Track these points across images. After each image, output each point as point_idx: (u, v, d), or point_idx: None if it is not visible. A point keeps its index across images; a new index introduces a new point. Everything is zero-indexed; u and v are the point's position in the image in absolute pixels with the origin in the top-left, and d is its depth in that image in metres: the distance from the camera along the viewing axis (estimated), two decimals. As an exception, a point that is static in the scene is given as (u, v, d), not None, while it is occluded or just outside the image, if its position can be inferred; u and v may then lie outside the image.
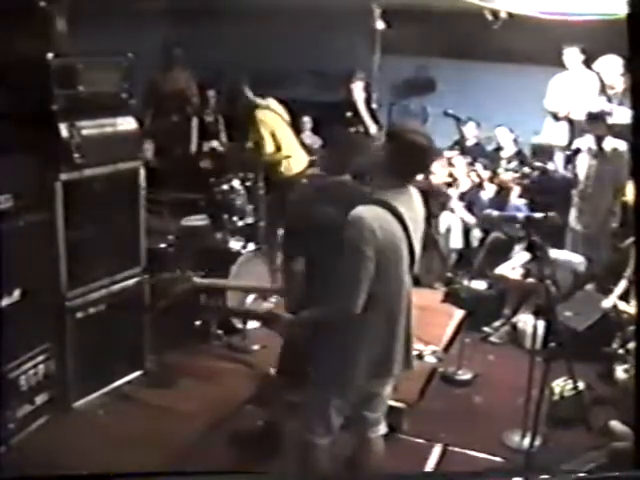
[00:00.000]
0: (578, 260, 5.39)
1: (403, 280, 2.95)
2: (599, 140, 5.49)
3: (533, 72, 6.71)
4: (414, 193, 3.02)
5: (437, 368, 4.85)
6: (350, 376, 2.95)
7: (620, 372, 4.50)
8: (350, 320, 2.86)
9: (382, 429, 3.23)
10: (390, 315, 2.94)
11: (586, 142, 5.62)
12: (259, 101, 6.00)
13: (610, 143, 5.43)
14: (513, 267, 5.41)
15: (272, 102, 6.08)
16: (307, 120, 7.44)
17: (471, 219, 6.31)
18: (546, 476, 3.50)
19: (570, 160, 5.91)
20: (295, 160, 6.04)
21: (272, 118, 5.99)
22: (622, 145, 5.28)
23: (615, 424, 3.81)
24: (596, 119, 5.56)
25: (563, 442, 3.92)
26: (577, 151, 5.78)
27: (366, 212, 2.83)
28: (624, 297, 4.87)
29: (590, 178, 5.57)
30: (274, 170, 5.89)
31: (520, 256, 5.40)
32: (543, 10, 5.85)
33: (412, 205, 2.98)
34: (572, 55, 6.20)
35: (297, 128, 6.75)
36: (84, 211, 4.11)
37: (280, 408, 3.82)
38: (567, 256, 5.39)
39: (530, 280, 5.11)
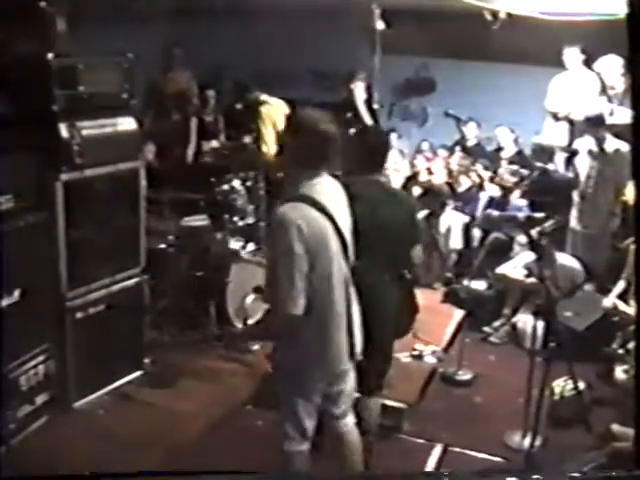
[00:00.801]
0: (578, 269, 5.37)
1: (340, 272, 2.93)
2: (599, 141, 5.48)
3: (533, 72, 6.71)
4: (330, 181, 2.99)
5: (437, 368, 4.85)
6: (304, 375, 2.95)
7: (620, 372, 4.49)
8: (295, 321, 2.83)
9: (350, 420, 3.22)
10: (332, 309, 2.91)
11: (586, 143, 5.62)
12: (264, 97, 6.03)
13: (612, 144, 5.42)
14: (515, 266, 5.40)
15: (276, 100, 6.11)
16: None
17: (463, 218, 6.33)
18: (546, 476, 3.49)
19: (570, 161, 5.90)
20: None
21: (276, 115, 6.02)
22: (624, 146, 5.27)
23: (616, 427, 3.80)
24: (594, 121, 5.56)
25: (563, 442, 3.92)
26: (575, 152, 5.78)
27: (289, 209, 2.81)
28: (623, 298, 4.86)
29: (591, 179, 5.56)
30: (270, 169, 5.91)
31: (522, 256, 5.39)
32: (543, 10, 5.84)
33: (332, 194, 2.95)
34: (572, 55, 6.19)
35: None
36: (84, 211, 4.11)
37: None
38: (568, 261, 5.38)
39: (531, 280, 5.11)
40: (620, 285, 4.84)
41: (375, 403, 3.63)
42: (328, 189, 2.95)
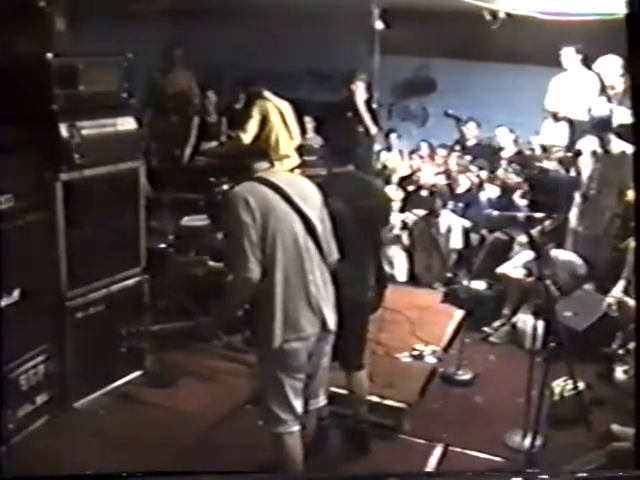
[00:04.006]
0: (579, 262, 5.37)
1: (299, 243, 3.16)
2: (604, 143, 5.46)
3: (533, 72, 6.71)
4: (295, 175, 3.61)
5: (437, 368, 4.85)
6: (272, 337, 3.11)
7: (620, 373, 4.49)
8: (253, 286, 3.10)
9: (322, 400, 3.45)
10: (289, 276, 3.14)
11: (589, 144, 5.59)
12: (267, 93, 6.07)
13: (618, 146, 5.38)
14: (515, 266, 5.40)
15: (278, 99, 6.14)
16: (309, 120, 7.43)
17: (463, 220, 6.34)
18: (547, 476, 3.50)
19: (571, 161, 5.89)
20: (287, 160, 6.09)
21: (272, 111, 6.05)
22: (629, 148, 5.25)
23: (616, 427, 3.80)
24: (600, 123, 5.53)
25: (564, 442, 3.92)
26: (578, 153, 5.76)
27: (239, 187, 3.21)
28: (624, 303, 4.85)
29: (594, 180, 5.52)
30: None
31: (522, 255, 5.39)
32: (542, 10, 5.84)
33: (294, 181, 3.35)
34: (569, 55, 6.19)
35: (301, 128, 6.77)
36: (84, 211, 4.11)
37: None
38: (568, 256, 5.38)
39: (531, 279, 5.11)
40: (620, 284, 4.84)
41: (361, 376, 3.87)
42: (289, 178, 3.31)
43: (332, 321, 3.26)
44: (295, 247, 3.15)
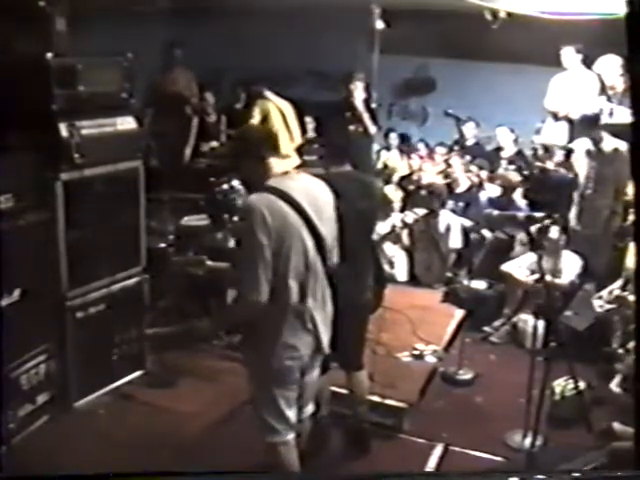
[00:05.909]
0: (579, 262, 5.37)
1: (309, 263, 3.00)
2: (596, 142, 5.47)
3: (533, 72, 6.72)
4: (310, 180, 3.14)
5: (438, 368, 4.85)
6: (271, 358, 3.01)
7: (614, 386, 4.49)
8: (259, 308, 2.92)
9: (310, 409, 3.34)
10: (294, 298, 2.99)
11: (584, 143, 5.60)
12: (267, 93, 6.08)
13: (610, 144, 5.40)
14: (519, 266, 5.39)
15: (278, 99, 6.15)
16: (309, 120, 7.43)
17: (462, 220, 6.34)
18: (547, 476, 3.49)
19: (567, 160, 5.90)
20: (287, 161, 6.10)
21: (272, 111, 6.07)
22: (623, 145, 5.26)
23: (618, 426, 3.80)
24: (588, 121, 5.55)
25: (564, 442, 3.92)
26: (570, 151, 5.77)
27: (256, 199, 2.95)
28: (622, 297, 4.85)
29: (590, 179, 5.54)
30: None
31: (527, 256, 5.38)
32: (543, 9, 5.84)
33: (310, 192, 3.06)
34: (568, 54, 6.20)
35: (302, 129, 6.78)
36: (84, 211, 4.11)
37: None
38: (569, 256, 5.38)
39: (533, 280, 5.11)
40: (618, 283, 4.84)
41: (361, 376, 3.86)
42: (304, 186, 3.06)
43: (326, 342, 3.15)
44: (304, 267, 3.00)
